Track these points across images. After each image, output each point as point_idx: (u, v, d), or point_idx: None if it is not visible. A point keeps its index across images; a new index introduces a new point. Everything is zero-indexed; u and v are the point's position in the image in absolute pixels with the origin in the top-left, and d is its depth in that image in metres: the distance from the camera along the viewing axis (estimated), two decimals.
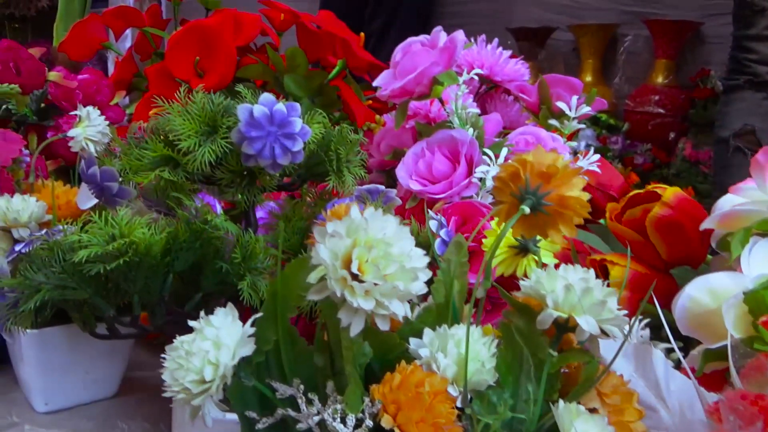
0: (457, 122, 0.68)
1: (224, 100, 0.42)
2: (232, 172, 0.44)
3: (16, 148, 0.54)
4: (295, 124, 0.41)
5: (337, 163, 0.46)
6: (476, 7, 2.63)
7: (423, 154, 0.65)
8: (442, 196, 0.61)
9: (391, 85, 0.64)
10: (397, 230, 0.26)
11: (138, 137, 0.47)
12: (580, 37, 2.31)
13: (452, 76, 0.62)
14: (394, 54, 0.67)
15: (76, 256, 0.36)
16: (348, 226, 0.25)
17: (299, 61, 0.84)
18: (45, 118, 0.84)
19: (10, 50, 0.75)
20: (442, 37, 0.63)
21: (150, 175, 0.42)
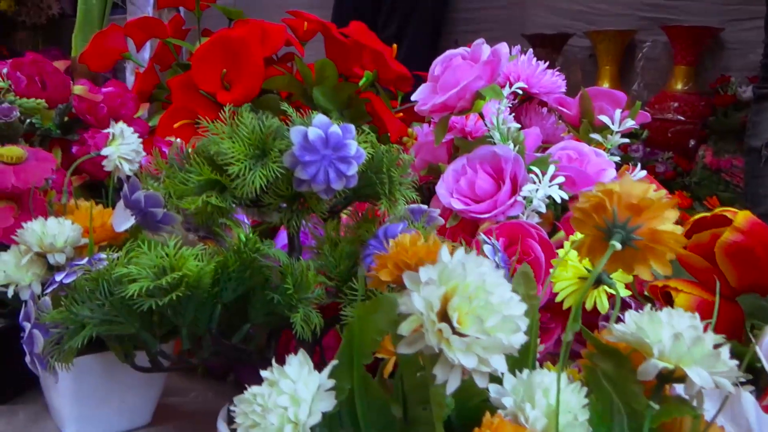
0: (498, 137, 0.66)
1: (275, 122, 0.40)
2: (281, 197, 0.42)
3: (49, 167, 0.52)
4: (350, 147, 0.39)
5: (389, 186, 0.43)
6: (490, 14, 2.61)
7: (464, 171, 0.63)
8: (487, 216, 0.58)
9: (432, 100, 0.61)
10: (494, 275, 0.23)
11: (180, 158, 0.44)
12: (598, 44, 2.28)
13: (496, 90, 0.60)
14: (433, 67, 0.65)
15: (126, 290, 0.34)
16: (441, 271, 0.23)
17: (329, 73, 0.82)
18: (69, 131, 0.82)
19: (35, 64, 0.73)
20: (484, 50, 0.60)
21: (196, 200, 0.40)
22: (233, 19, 1.04)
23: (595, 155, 0.67)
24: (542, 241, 0.55)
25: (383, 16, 2.48)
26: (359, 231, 0.49)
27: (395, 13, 2.44)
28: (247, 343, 0.41)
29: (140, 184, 0.41)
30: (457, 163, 0.64)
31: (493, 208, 0.59)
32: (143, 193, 0.41)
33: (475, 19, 2.62)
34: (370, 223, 0.50)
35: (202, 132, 0.44)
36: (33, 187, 0.50)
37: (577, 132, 0.74)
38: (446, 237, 0.63)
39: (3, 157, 0.50)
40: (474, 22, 2.65)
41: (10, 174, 0.49)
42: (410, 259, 0.33)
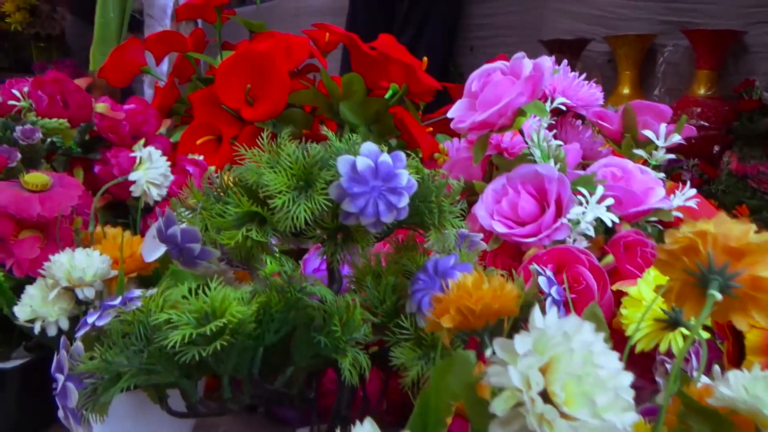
0: (539, 154, 0.63)
1: (320, 151, 0.37)
2: (325, 229, 0.39)
3: (74, 194, 0.49)
4: (401, 177, 0.36)
5: (438, 216, 0.41)
6: (505, 19, 2.58)
7: (505, 191, 0.60)
8: (533, 240, 0.55)
9: (471, 118, 0.59)
10: (599, 343, 0.20)
11: (215, 187, 0.42)
12: (617, 49, 2.24)
13: (540, 107, 0.57)
14: (470, 82, 0.62)
15: (167, 339, 0.31)
16: (539, 339, 0.20)
17: (356, 88, 0.79)
18: (90, 150, 0.80)
19: (56, 82, 0.71)
20: (526, 65, 0.57)
21: (236, 234, 0.37)
22: (254, 31, 1.02)
23: (640, 172, 0.64)
24: (593, 268, 0.52)
25: (398, 24, 2.45)
26: (402, 260, 0.46)
27: (410, 21, 2.42)
28: (290, 387, 0.38)
29: (175, 217, 0.39)
30: (496, 182, 0.61)
31: (537, 232, 0.56)
32: (179, 228, 0.38)
33: (490, 25, 2.59)
34: (412, 251, 0.47)
35: (239, 159, 0.42)
36: (59, 215, 0.48)
37: (618, 147, 0.70)
38: (486, 261, 0.60)
39: (27, 184, 0.48)
40: (489, 29, 2.62)
41: (35, 203, 0.47)
42: (475, 304, 0.30)
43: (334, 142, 0.40)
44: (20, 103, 0.73)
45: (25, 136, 0.61)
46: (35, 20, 3.56)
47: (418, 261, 0.46)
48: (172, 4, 1.25)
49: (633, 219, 0.60)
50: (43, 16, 3.58)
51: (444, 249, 0.43)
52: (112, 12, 1.20)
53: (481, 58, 2.68)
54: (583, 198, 0.56)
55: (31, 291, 0.45)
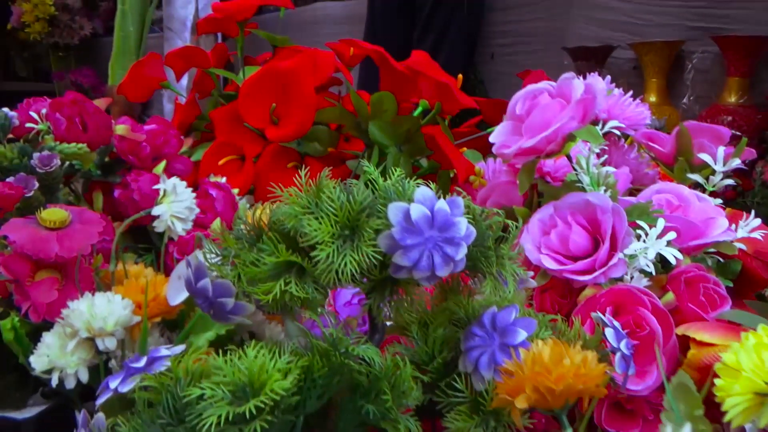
0: (587, 181, 0.58)
1: (367, 196, 0.33)
2: (372, 281, 0.35)
3: (95, 231, 0.46)
4: (459, 227, 0.32)
5: (496, 263, 0.36)
6: (528, 26, 2.52)
7: (553, 222, 0.55)
8: (588, 279, 0.51)
9: (516, 143, 0.54)
10: None
11: (248, 229, 0.38)
12: (643, 56, 2.18)
13: (594, 133, 0.53)
14: (513, 104, 0.58)
15: (200, 419, 0.27)
16: None
17: (387, 107, 0.76)
18: (110, 172, 0.77)
19: (75, 104, 0.68)
20: (576, 86, 0.53)
21: (272, 286, 0.34)
22: (277, 45, 0.99)
23: (697, 200, 0.59)
24: (656, 311, 0.47)
25: (418, 31, 2.41)
26: (448, 305, 0.42)
27: (430, 28, 2.38)
28: None
29: (206, 269, 0.35)
30: (543, 212, 0.57)
31: (592, 269, 0.52)
32: (211, 281, 0.34)
33: (512, 32, 2.54)
34: (457, 295, 0.43)
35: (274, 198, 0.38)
36: (79, 255, 0.44)
37: (670, 171, 0.66)
38: (534, 298, 0.56)
39: (45, 221, 0.45)
40: (511, 35, 2.57)
41: (53, 242, 0.44)
42: (556, 383, 0.26)
43: (380, 182, 0.36)
44: (38, 126, 0.70)
45: (43, 164, 0.58)
46: (54, 30, 3.58)
47: (466, 306, 0.42)
48: (191, 17, 1.22)
49: (692, 252, 0.56)
50: (62, 26, 3.59)
51: (500, 297, 0.38)
52: (132, 26, 1.18)
53: (502, 65, 2.63)
54: (642, 231, 0.51)
55: (48, 339, 0.42)
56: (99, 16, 3.72)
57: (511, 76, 2.64)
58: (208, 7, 1.27)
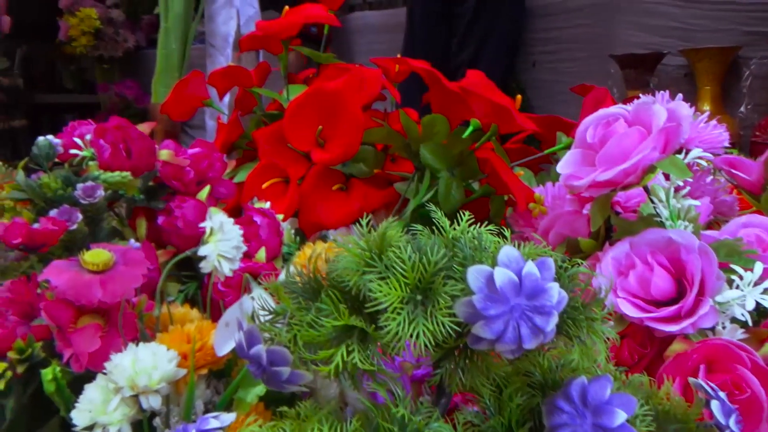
0: (666, 214, 0.53)
1: (443, 256, 0.29)
2: (444, 349, 0.31)
3: (139, 273, 0.43)
4: (550, 293, 0.28)
5: (587, 327, 0.32)
6: (571, 33, 2.45)
7: (630, 261, 0.50)
8: (674, 329, 0.45)
9: (590, 175, 0.49)
10: None
11: (304, 282, 0.34)
12: (696, 63, 2.08)
13: (679, 165, 0.47)
14: (584, 130, 0.53)
15: None
16: None
17: (439, 129, 0.71)
18: (153, 197, 0.75)
19: (119, 130, 0.67)
20: (658, 113, 0.48)
21: (333, 354, 0.30)
22: (322, 63, 0.96)
23: None
24: (758, 371, 0.42)
25: (458, 40, 2.37)
26: (522, 364, 0.38)
27: (471, 37, 2.33)
28: None
29: (259, 333, 0.31)
30: (618, 249, 0.52)
31: (678, 317, 0.46)
32: (265, 348, 0.31)
33: (555, 39, 2.47)
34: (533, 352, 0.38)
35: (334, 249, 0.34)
36: (123, 301, 0.42)
37: (756, 201, 0.59)
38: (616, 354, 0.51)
39: (87, 264, 0.42)
40: (554, 42, 2.49)
41: (96, 286, 0.41)
42: None
43: (449, 230, 0.32)
44: (82, 153, 0.69)
45: (87, 195, 0.56)
46: (99, 43, 3.67)
47: (543, 366, 0.38)
48: (233, 33, 1.21)
49: None
50: (107, 39, 3.68)
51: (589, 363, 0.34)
52: (174, 43, 1.17)
53: (543, 73, 2.56)
54: (739, 277, 0.45)
55: (91, 394, 0.39)
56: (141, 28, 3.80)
57: (553, 84, 2.58)
58: (250, 23, 1.26)
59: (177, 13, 1.16)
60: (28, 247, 0.49)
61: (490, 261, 0.29)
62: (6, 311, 0.47)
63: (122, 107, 3.57)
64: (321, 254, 0.37)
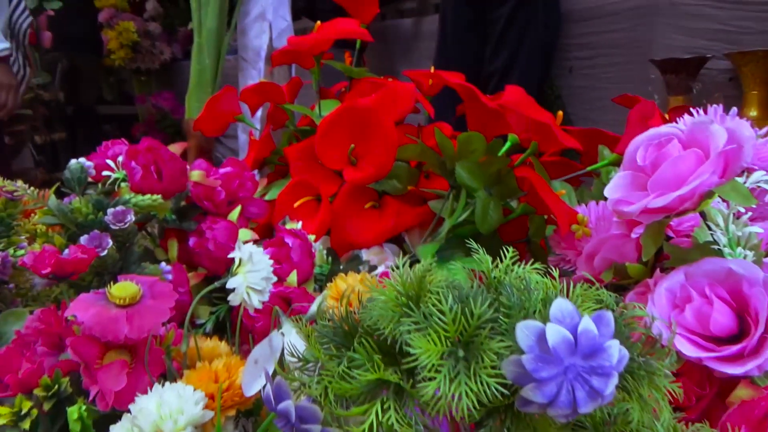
0: (725, 242, 0.49)
1: (487, 310, 0.27)
2: (487, 408, 0.28)
3: (166, 306, 0.42)
4: (610, 352, 0.25)
5: (647, 383, 0.29)
6: (609, 38, 2.38)
7: (686, 294, 0.46)
8: (738, 371, 0.41)
9: (641, 201, 0.46)
10: None
11: (334, 326, 0.32)
12: (742, 66, 2.00)
13: (742, 192, 0.43)
14: (633, 151, 0.50)
15: None
16: None
17: (476, 147, 0.69)
18: (185, 218, 0.74)
19: (151, 151, 0.66)
20: (717, 134, 0.44)
21: (368, 410, 0.28)
22: (354, 77, 0.94)
23: None
24: None
25: (491, 47, 2.32)
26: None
27: (505, 44, 2.28)
28: None
29: (288, 388, 0.29)
30: (671, 279, 0.48)
31: (741, 358, 0.43)
32: (294, 404, 0.28)
33: (592, 44, 2.41)
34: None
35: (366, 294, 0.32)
36: (150, 336, 0.40)
37: None
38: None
39: (114, 298, 0.41)
40: (590, 48, 2.43)
41: (122, 322, 0.40)
42: None
43: (499, 280, 0.29)
44: (114, 175, 0.68)
45: (117, 220, 0.55)
46: (136, 56, 3.75)
47: (596, 417, 0.34)
48: (266, 47, 1.20)
49: None
50: (144, 51, 3.77)
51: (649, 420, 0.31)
52: (208, 58, 1.17)
53: (580, 79, 2.50)
54: None
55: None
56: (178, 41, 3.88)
57: (590, 91, 2.51)
58: (282, 36, 1.25)
59: (210, 29, 1.16)
60: (58, 276, 0.48)
61: (539, 312, 0.26)
62: (35, 342, 0.46)
63: (159, 118, 3.65)
64: (354, 290, 0.35)
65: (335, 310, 0.33)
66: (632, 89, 2.32)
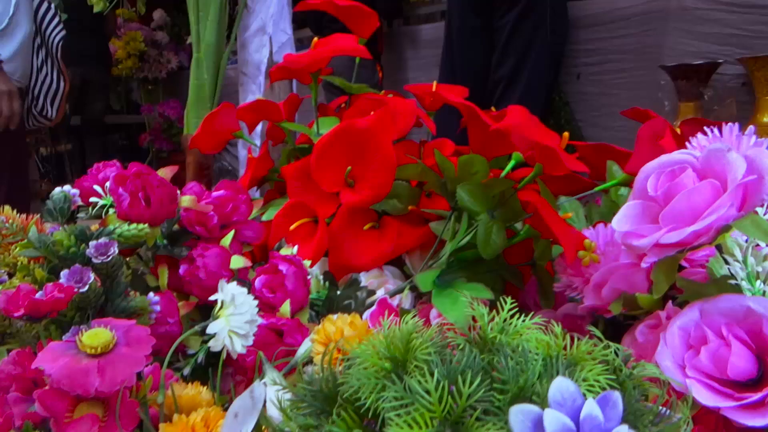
0: (743, 275, 0.45)
1: (476, 386, 0.24)
2: None
3: (142, 355, 0.39)
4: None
5: None
6: (617, 43, 2.34)
7: (701, 333, 0.43)
8: (758, 423, 0.38)
9: (653, 235, 0.43)
10: None
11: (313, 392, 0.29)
12: (755, 71, 1.95)
13: (762, 226, 0.40)
14: (644, 179, 0.46)
15: None
16: None
17: (477, 169, 0.66)
18: (176, 243, 0.72)
19: (139, 177, 0.63)
20: (736, 164, 0.41)
21: None
22: (353, 93, 0.91)
23: None
24: None
25: (497, 55, 2.29)
26: None
27: (512, 50, 2.24)
28: None
29: None
30: (685, 317, 0.45)
31: (762, 407, 0.39)
32: None
33: (601, 50, 2.37)
34: None
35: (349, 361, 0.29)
36: (123, 388, 0.38)
37: None
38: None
39: (85, 347, 0.38)
40: (599, 54, 2.39)
41: (93, 374, 0.37)
42: None
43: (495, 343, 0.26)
44: (101, 201, 0.66)
45: (99, 253, 0.53)
46: (144, 65, 3.76)
47: None
48: (266, 62, 1.18)
49: None
50: (151, 61, 3.77)
51: None
52: (206, 73, 1.15)
53: (588, 85, 2.46)
54: None
55: None
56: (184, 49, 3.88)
57: (599, 97, 2.47)
58: (283, 50, 1.23)
59: (209, 43, 1.14)
60: (33, 318, 0.46)
61: (538, 388, 0.23)
62: (9, 386, 0.44)
63: (165, 127, 3.65)
64: (341, 338, 0.32)
65: (317, 368, 0.30)
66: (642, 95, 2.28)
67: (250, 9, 1.20)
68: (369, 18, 0.85)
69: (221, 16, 1.17)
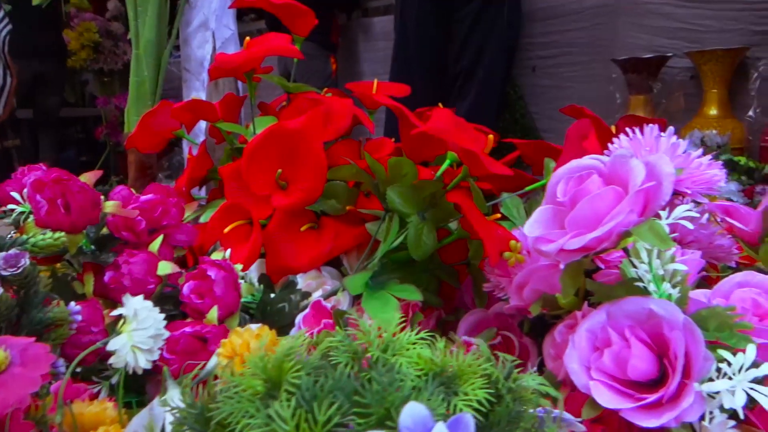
0: (649, 278, 0.46)
1: (337, 409, 0.23)
2: None
3: (38, 375, 0.38)
4: None
5: None
6: (571, 37, 2.37)
7: (606, 337, 0.44)
8: (654, 424, 0.39)
9: (560, 241, 0.43)
10: None
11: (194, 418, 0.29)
12: (702, 65, 2.00)
13: (659, 234, 0.41)
14: (554, 184, 0.47)
15: None
16: None
17: (406, 171, 0.66)
18: (104, 248, 0.70)
19: (58, 183, 0.62)
20: (636, 170, 0.42)
21: None
22: (291, 92, 0.90)
23: None
24: None
25: (456, 47, 2.28)
26: None
27: (468, 45, 2.24)
28: None
29: None
30: (592, 320, 0.45)
31: (659, 405, 0.40)
32: None
33: (555, 43, 2.39)
34: None
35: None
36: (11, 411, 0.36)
37: (754, 253, 0.53)
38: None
39: None
40: (553, 47, 2.42)
41: None
42: None
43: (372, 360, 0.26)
44: (19, 208, 0.64)
45: (8, 265, 0.51)
46: (98, 56, 3.64)
47: None
48: (209, 57, 1.15)
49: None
50: (106, 52, 3.66)
51: None
52: (147, 70, 1.12)
53: (543, 78, 2.48)
54: (726, 363, 0.39)
55: None
56: None
57: (553, 89, 2.50)
58: (227, 45, 1.20)
59: (148, 40, 1.11)
60: None
61: (400, 409, 0.23)
62: None
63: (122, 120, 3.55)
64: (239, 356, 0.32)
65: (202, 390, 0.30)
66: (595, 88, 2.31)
67: (191, 4, 1.17)
68: (305, 16, 0.84)
69: (161, 11, 1.13)
